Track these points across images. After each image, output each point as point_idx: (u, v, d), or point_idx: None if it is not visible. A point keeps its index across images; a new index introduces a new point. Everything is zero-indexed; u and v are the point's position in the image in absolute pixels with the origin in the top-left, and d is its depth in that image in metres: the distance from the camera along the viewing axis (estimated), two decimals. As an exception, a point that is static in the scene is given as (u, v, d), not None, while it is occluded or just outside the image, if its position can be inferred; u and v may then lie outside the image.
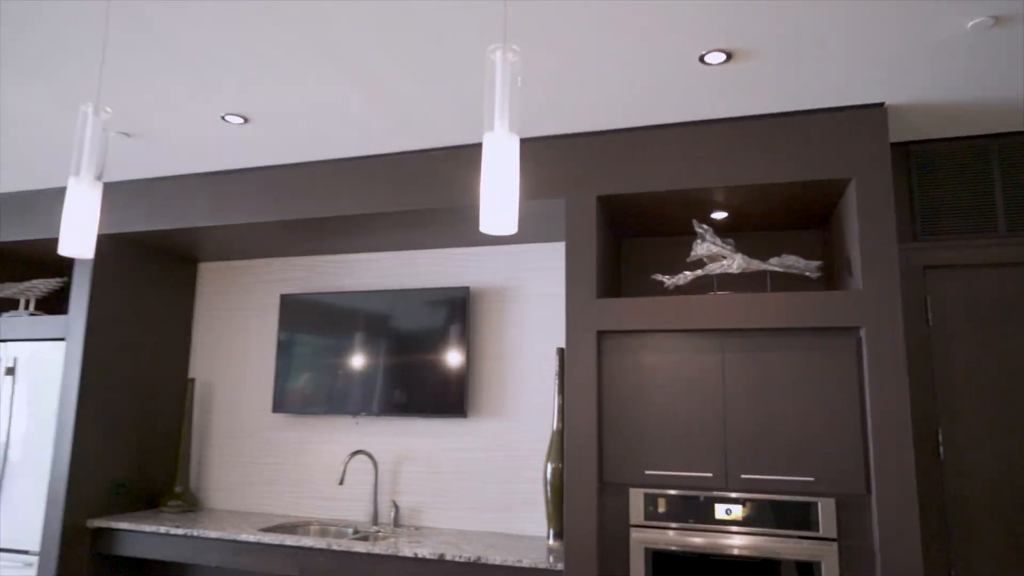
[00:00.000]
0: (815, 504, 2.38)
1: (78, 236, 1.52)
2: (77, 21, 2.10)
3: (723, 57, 2.22)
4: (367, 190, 3.14)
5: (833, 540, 2.35)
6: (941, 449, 2.67)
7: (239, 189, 3.37)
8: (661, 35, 2.10)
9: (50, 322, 3.61)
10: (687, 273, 2.75)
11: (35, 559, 3.36)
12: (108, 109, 1.52)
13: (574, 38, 2.13)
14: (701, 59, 2.23)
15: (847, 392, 2.42)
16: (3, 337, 3.70)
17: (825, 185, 2.60)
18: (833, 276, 2.89)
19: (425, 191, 3.05)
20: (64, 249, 1.51)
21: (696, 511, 2.49)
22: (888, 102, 2.53)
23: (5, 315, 3.75)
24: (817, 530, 2.37)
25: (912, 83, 2.38)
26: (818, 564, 2.34)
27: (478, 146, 3.01)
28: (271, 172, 3.33)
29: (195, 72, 2.41)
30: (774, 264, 2.66)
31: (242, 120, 2.82)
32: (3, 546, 3.45)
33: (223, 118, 2.80)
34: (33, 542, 3.40)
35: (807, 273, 2.65)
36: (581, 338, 2.70)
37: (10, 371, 3.67)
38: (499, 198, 1.17)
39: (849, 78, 2.35)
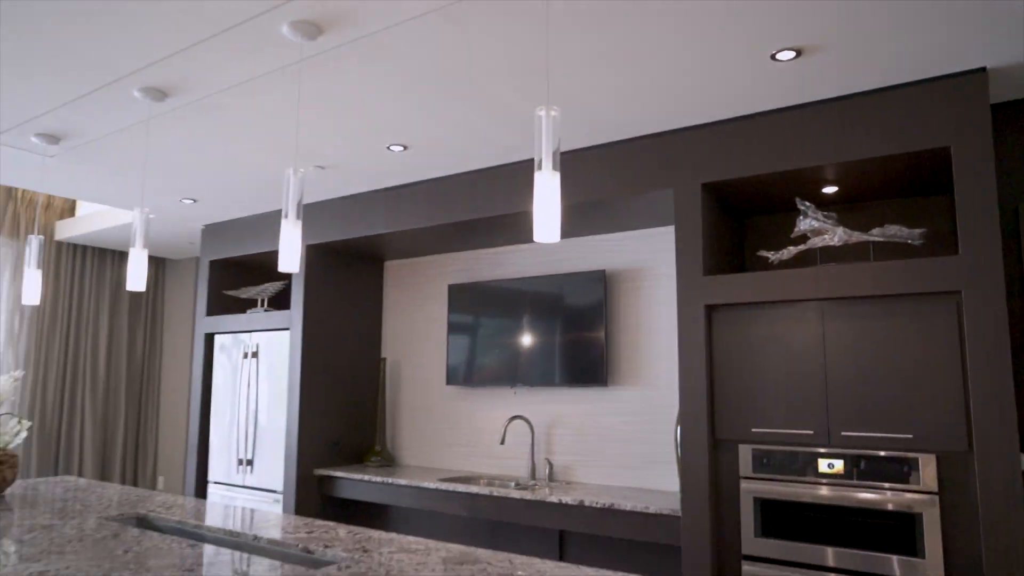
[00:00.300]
0: (916, 459, 2.56)
1: (290, 257, 2.27)
2: (282, 97, 2.91)
3: (792, 54, 2.47)
4: (507, 193, 3.74)
5: (935, 494, 2.52)
6: (1072, 410, 2.66)
7: (408, 200, 4.15)
8: (733, 42, 2.42)
9: (278, 316, 4.69)
10: (791, 248, 2.99)
11: (280, 496, 4.46)
12: (302, 169, 2.24)
13: (663, 51, 2.52)
14: (772, 57, 2.51)
15: (948, 354, 2.56)
16: (249, 328, 4.87)
17: (929, 154, 2.70)
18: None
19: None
20: (283, 267, 2.27)
21: (800, 465, 2.77)
22: (990, 65, 2.58)
23: (249, 311, 4.92)
24: (918, 484, 2.55)
25: (1013, 44, 2.43)
26: (919, 516, 2.53)
27: (593, 148, 3.46)
28: (431, 184, 4.05)
29: (366, 118, 3.15)
30: (875, 235, 2.81)
31: (402, 148, 3.54)
32: (261, 486, 4.61)
33: (388, 148, 3.54)
34: (278, 484, 4.50)
35: (910, 241, 2.78)
36: (691, 312, 3.07)
37: (254, 355, 4.83)
38: (546, 217, 1.66)
39: (947, 46, 2.46)
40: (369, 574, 1.96)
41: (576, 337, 4.03)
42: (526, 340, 4.21)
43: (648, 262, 3.95)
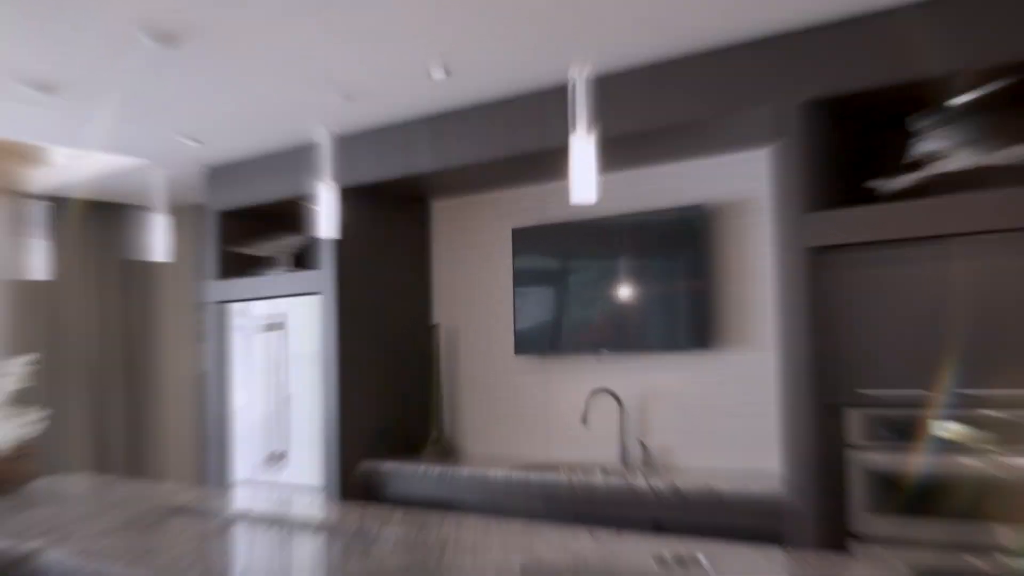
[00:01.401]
0: (1050, 421, 3.41)
1: (330, 224, 3.37)
2: (304, 28, 3.96)
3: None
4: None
5: (1066, 457, 3.38)
6: None
7: (457, 129, 5.13)
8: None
9: (305, 278, 5.87)
10: (906, 176, 3.82)
11: (321, 494, 5.71)
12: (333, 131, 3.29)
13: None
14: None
15: (1082, 296, 3.37)
16: (270, 294, 6.08)
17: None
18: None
19: (632, 111, 4.47)
20: (324, 234, 3.37)
21: (916, 430, 3.67)
22: None
23: (268, 273, 6.11)
24: (1052, 448, 3.40)
25: None
26: (1048, 482, 3.40)
27: (674, 61, 4.33)
28: (483, 109, 5.01)
29: (402, 40, 4.17)
30: (1003, 157, 3.61)
31: (444, 71, 4.54)
32: (297, 483, 5.87)
33: (428, 71, 4.54)
34: (318, 480, 5.74)
35: (1045, 163, 3.56)
36: (789, 257, 3.97)
37: (279, 326, 6.04)
38: (583, 178, 2.64)
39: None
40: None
41: (671, 290, 4.98)
42: (611, 296, 5.19)
43: (756, 191, 4.79)
